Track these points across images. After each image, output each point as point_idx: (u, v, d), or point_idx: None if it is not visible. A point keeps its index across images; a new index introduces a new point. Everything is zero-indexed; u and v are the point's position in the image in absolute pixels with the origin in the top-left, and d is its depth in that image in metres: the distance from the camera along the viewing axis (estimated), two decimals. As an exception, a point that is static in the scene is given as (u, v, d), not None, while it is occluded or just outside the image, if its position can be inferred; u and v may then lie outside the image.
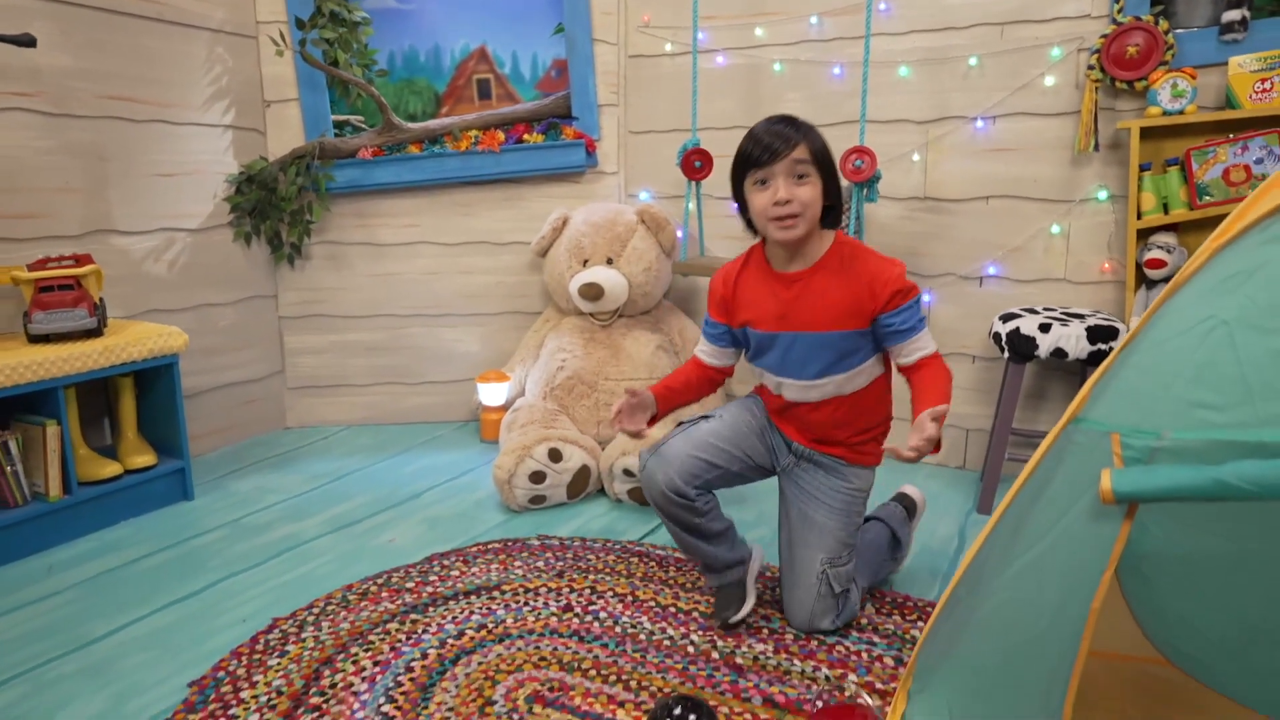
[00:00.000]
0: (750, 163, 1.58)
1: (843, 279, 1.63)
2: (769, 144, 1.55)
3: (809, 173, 1.56)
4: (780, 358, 1.69)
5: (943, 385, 1.59)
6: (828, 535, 1.71)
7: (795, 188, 1.55)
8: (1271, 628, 1.43)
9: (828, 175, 1.60)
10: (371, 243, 3.05)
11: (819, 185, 1.57)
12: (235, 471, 2.69)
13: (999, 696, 1.05)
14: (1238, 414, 0.90)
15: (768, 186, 1.56)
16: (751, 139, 1.60)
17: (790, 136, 1.56)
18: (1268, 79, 2.11)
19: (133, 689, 1.56)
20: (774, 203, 1.55)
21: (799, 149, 1.55)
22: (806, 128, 1.60)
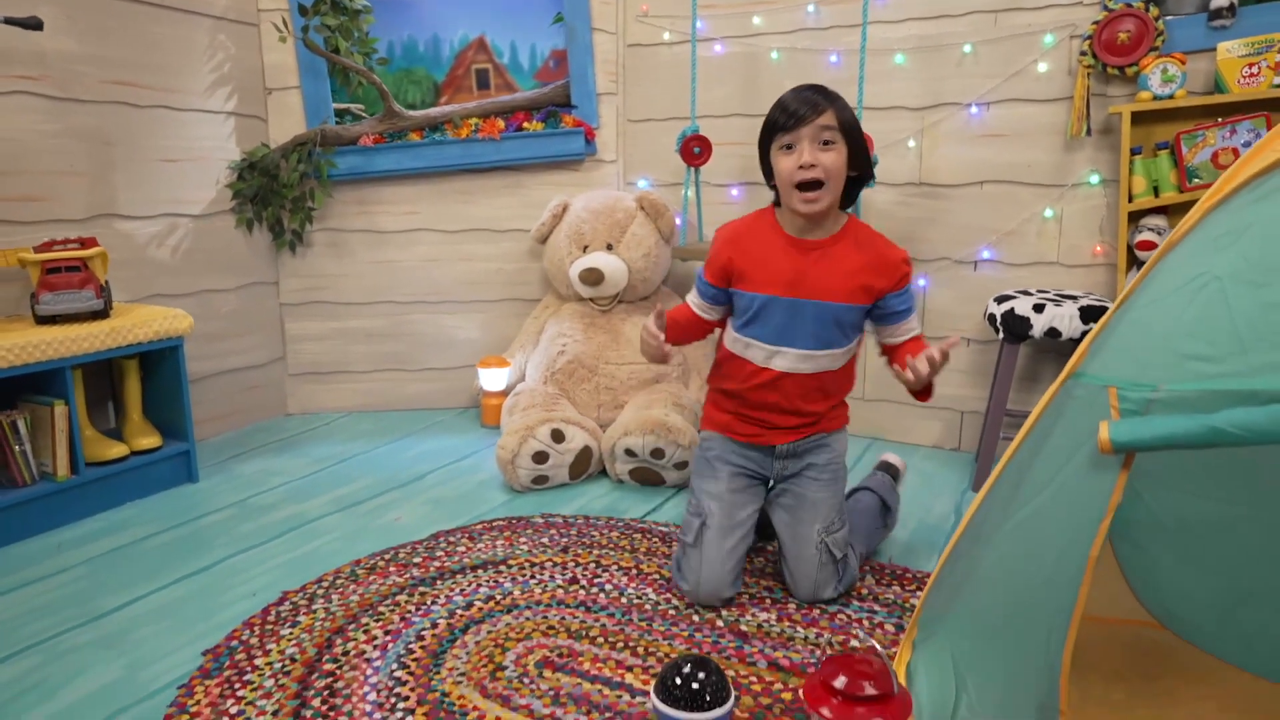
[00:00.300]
0: (777, 127, 1.60)
1: (860, 254, 1.67)
2: (796, 109, 1.57)
3: (835, 139, 1.58)
4: (781, 325, 1.70)
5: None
6: (821, 506, 1.76)
7: (820, 153, 1.56)
8: (1259, 589, 1.47)
9: (855, 145, 1.61)
10: (372, 230, 3.07)
11: (844, 153, 1.59)
12: (238, 455, 2.71)
13: (1001, 644, 1.08)
14: (1230, 365, 0.94)
15: (793, 151, 1.58)
16: (779, 105, 1.61)
17: (818, 103, 1.57)
18: (1255, 64, 2.16)
19: (147, 657, 1.58)
20: (799, 166, 1.56)
21: (826, 115, 1.56)
22: (835, 96, 1.61)
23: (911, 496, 2.35)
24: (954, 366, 2.72)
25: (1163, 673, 1.49)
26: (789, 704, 1.43)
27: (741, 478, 1.83)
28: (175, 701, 1.44)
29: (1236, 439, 0.90)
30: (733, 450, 1.84)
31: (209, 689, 1.48)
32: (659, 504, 2.31)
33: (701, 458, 1.87)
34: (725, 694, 1.30)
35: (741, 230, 1.75)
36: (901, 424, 2.83)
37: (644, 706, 1.42)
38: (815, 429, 1.80)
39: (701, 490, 1.81)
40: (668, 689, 1.30)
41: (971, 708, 1.10)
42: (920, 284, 2.71)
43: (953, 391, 2.73)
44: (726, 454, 1.84)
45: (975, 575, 1.13)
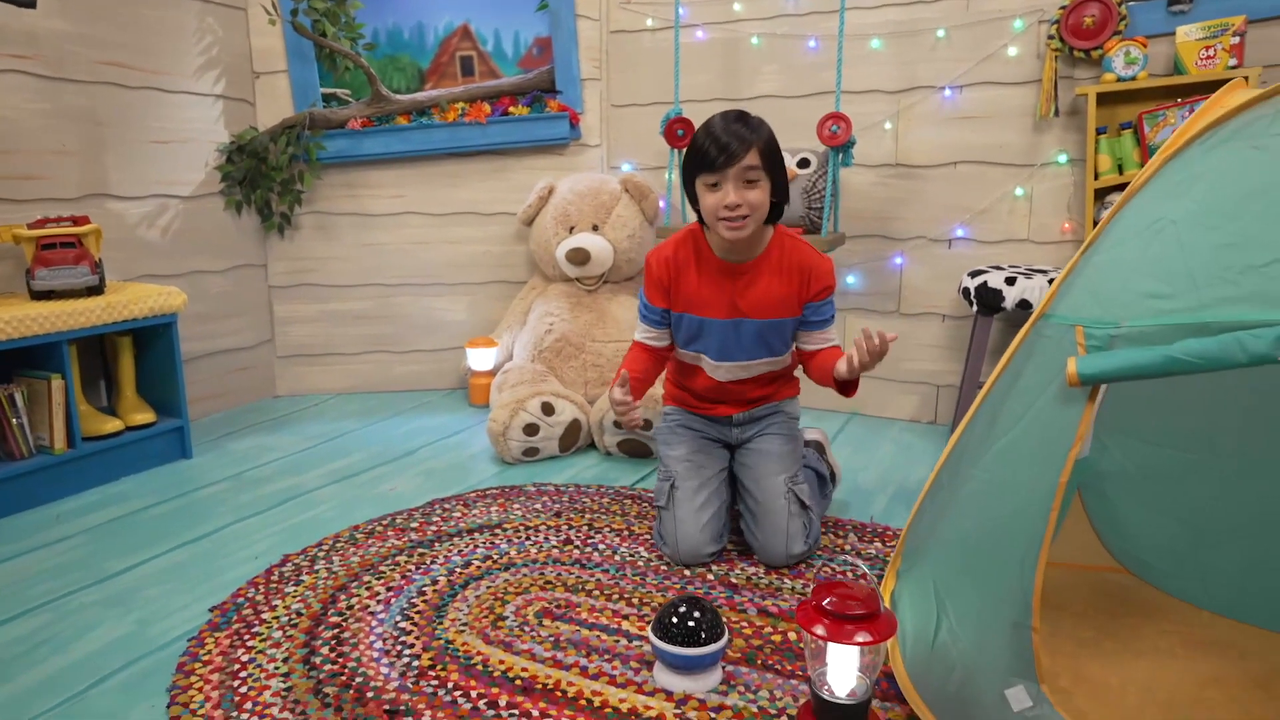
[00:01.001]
0: (703, 166, 1.63)
1: (784, 270, 1.75)
2: (723, 147, 1.59)
3: (758, 177, 1.63)
4: (723, 343, 1.81)
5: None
6: (785, 458, 1.85)
7: (745, 192, 1.62)
8: (1215, 531, 1.57)
9: (776, 176, 1.67)
10: (360, 213, 3.11)
11: (767, 187, 1.65)
12: (230, 434, 2.74)
13: (978, 569, 1.16)
14: (1184, 301, 1.02)
15: (719, 189, 1.63)
16: (706, 139, 1.62)
17: (743, 141, 1.60)
18: (1211, 46, 2.27)
19: (155, 614, 1.62)
20: (725, 205, 1.62)
21: (750, 154, 1.60)
22: (757, 127, 1.64)
23: (891, 465, 2.44)
24: (929, 342, 2.81)
25: (1127, 612, 1.58)
26: (778, 645, 1.50)
27: (703, 440, 1.93)
28: (187, 651, 1.49)
29: (1191, 367, 0.99)
30: (694, 419, 1.94)
31: (219, 640, 1.53)
32: (648, 473, 2.38)
33: (666, 428, 1.97)
34: (719, 631, 1.38)
35: (673, 255, 1.79)
36: (878, 398, 2.92)
37: (641, 648, 1.49)
38: (766, 403, 1.92)
39: (668, 456, 1.90)
40: (665, 627, 1.37)
41: (951, 630, 1.18)
42: (897, 262, 2.81)
43: (928, 366, 2.82)
44: (688, 422, 1.95)
45: (954, 506, 1.21)
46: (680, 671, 1.37)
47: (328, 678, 1.41)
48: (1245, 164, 1.05)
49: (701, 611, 1.39)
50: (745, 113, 1.66)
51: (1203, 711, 1.31)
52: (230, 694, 1.37)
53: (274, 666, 1.44)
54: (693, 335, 1.83)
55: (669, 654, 1.36)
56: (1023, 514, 1.13)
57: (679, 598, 1.42)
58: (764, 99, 2.93)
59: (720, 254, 1.76)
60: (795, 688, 1.37)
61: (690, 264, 1.78)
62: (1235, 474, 1.55)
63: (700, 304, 1.78)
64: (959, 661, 1.16)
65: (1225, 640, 1.49)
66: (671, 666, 1.37)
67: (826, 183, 2.56)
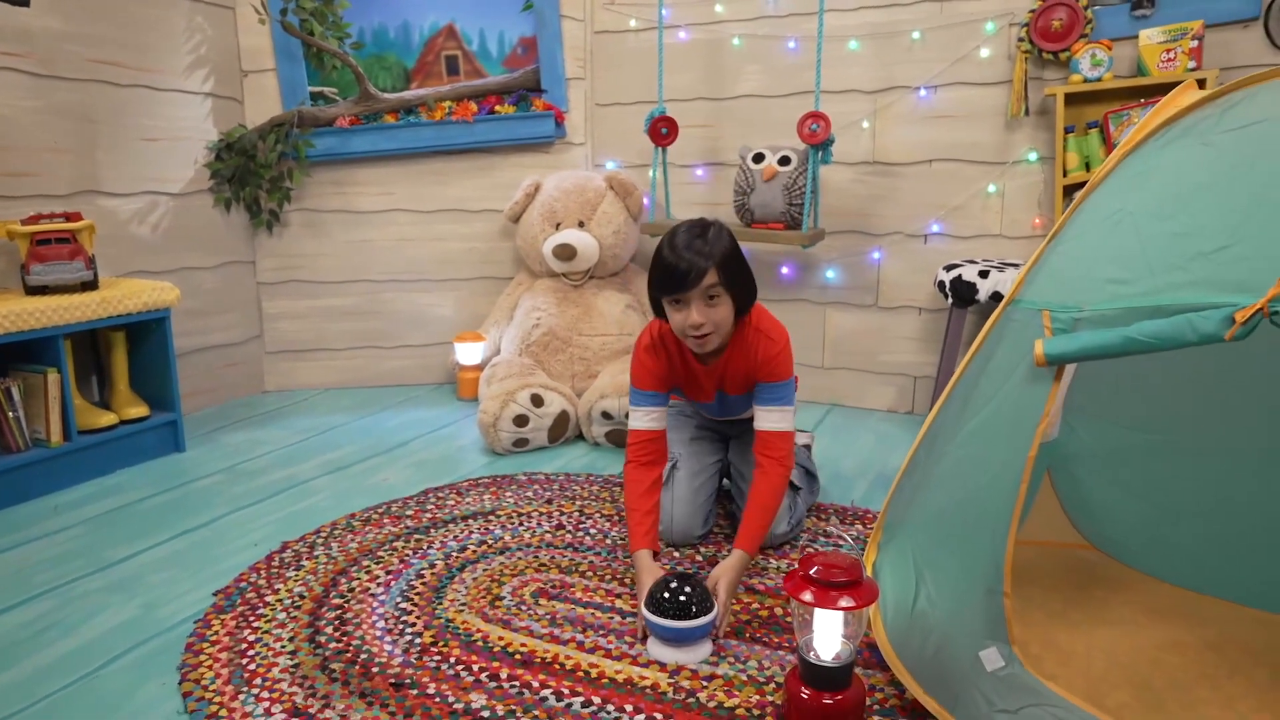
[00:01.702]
0: (666, 288, 1.66)
1: (743, 359, 1.78)
2: (684, 272, 1.61)
3: (719, 294, 1.65)
4: (716, 410, 1.95)
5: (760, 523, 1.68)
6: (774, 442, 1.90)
7: (708, 310, 1.65)
8: (1176, 507, 1.66)
9: (737, 286, 1.69)
10: (348, 210, 3.15)
11: (730, 302, 1.68)
12: (222, 428, 2.77)
13: (953, 539, 1.24)
14: (1141, 285, 1.11)
15: (683, 308, 1.66)
16: (669, 258, 1.63)
17: (703, 258, 1.61)
18: (1171, 49, 2.37)
19: (160, 599, 1.67)
20: (690, 324, 1.65)
21: (710, 274, 1.62)
22: (715, 241, 1.64)
23: (870, 453, 2.52)
24: (906, 335, 2.90)
25: (1093, 585, 1.67)
26: (765, 619, 1.57)
27: (706, 430, 2.03)
28: (194, 633, 1.54)
29: (1148, 346, 1.07)
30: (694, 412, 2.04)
31: (225, 622, 1.57)
32: (635, 463, 2.44)
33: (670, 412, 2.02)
34: (709, 605, 1.45)
35: (662, 360, 1.82)
36: (858, 390, 3.01)
37: (633, 625, 1.56)
38: None
39: (673, 439, 1.96)
40: (657, 602, 1.44)
41: (929, 597, 1.26)
42: (875, 256, 2.89)
43: (905, 358, 2.91)
44: (687, 409, 2.04)
45: (930, 482, 1.29)
46: (673, 643, 1.44)
47: (333, 655, 1.46)
48: (1195, 159, 1.14)
49: (692, 586, 1.46)
50: (705, 225, 1.67)
51: (1161, 673, 1.40)
52: (239, 671, 1.41)
53: (280, 645, 1.49)
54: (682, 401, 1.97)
55: (662, 627, 1.42)
56: (995, 487, 1.20)
57: (669, 574, 1.49)
58: (745, 98, 3.01)
59: (696, 355, 1.79)
60: (782, 658, 1.45)
61: (677, 364, 1.83)
62: (1194, 455, 1.64)
63: (688, 392, 1.89)
64: (936, 627, 1.24)
65: (1183, 609, 1.58)
66: (664, 639, 1.44)
67: (807, 180, 2.64)
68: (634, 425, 1.79)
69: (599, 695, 1.35)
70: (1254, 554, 1.57)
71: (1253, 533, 1.57)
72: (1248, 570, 1.57)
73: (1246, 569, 1.57)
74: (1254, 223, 1.05)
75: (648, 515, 1.70)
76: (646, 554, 1.64)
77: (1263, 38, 2.38)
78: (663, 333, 1.80)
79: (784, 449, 1.72)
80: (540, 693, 1.36)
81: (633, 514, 1.70)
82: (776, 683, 1.37)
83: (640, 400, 1.80)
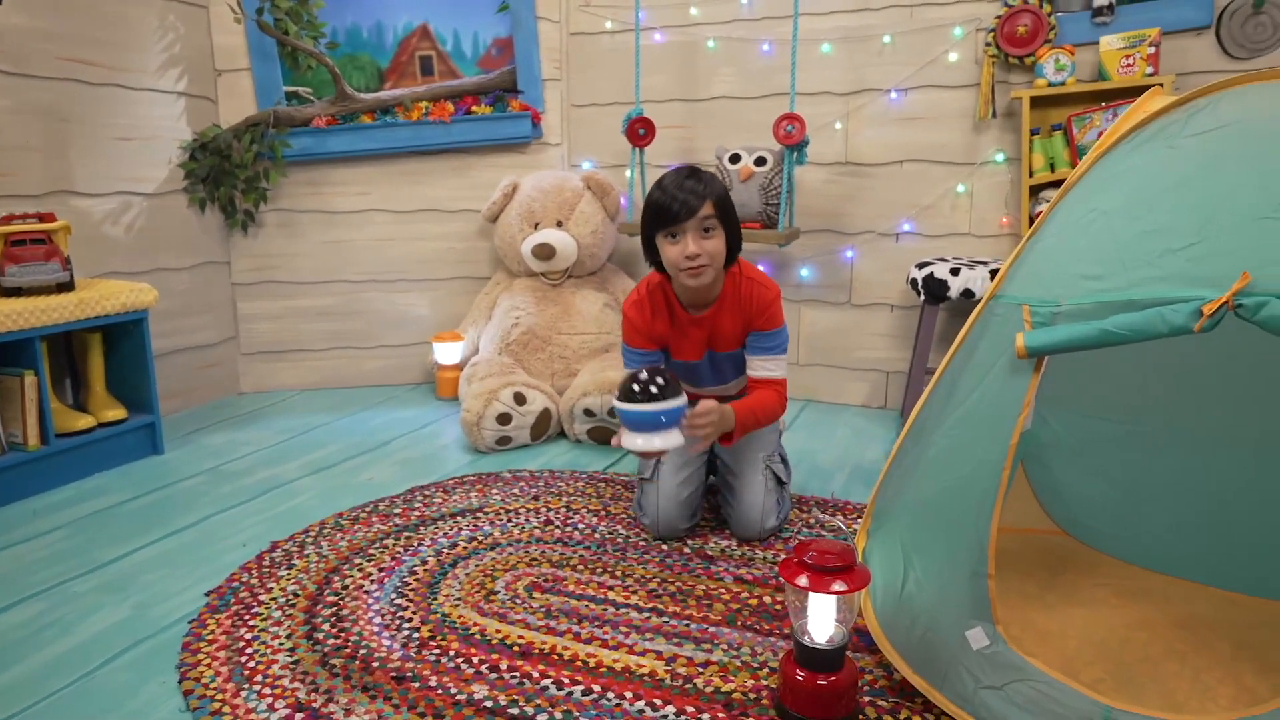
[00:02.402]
0: (663, 220, 1.73)
1: (736, 309, 1.85)
2: (681, 202, 1.69)
3: (714, 226, 1.73)
4: (702, 374, 1.97)
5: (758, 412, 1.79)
6: (763, 437, 1.97)
7: (704, 241, 1.72)
8: (1143, 493, 1.74)
9: (730, 225, 1.77)
10: (325, 210, 3.14)
11: (723, 236, 1.76)
12: (200, 430, 2.75)
13: (941, 525, 1.30)
14: (1114, 281, 1.17)
15: (679, 240, 1.73)
16: (663, 196, 1.72)
17: (698, 195, 1.71)
18: (1130, 56, 2.47)
19: (153, 599, 1.67)
20: (685, 255, 1.72)
21: (706, 206, 1.71)
22: (710, 181, 1.75)
23: (847, 446, 2.59)
24: (878, 331, 2.98)
25: (1066, 569, 1.74)
26: (755, 608, 1.62)
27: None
28: (190, 632, 1.54)
29: (1122, 338, 1.13)
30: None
31: (220, 620, 1.58)
32: (618, 459, 2.48)
33: None
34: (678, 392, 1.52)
35: (645, 305, 1.88)
36: (833, 385, 3.08)
37: (628, 615, 1.59)
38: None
39: None
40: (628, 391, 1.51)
41: (917, 581, 1.31)
42: (848, 255, 2.96)
43: (878, 354, 2.98)
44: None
45: (917, 469, 1.34)
46: (643, 429, 1.51)
47: (333, 651, 1.48)
48: (1163, 162, 1.21)
49: (662, 377, 1.53)
50: (696, 169, 1.77)
51: (1132, 650, 1.47)
52: (239, 668, 1.43)
53: (278, 643, 1.50)
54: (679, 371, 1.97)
55: (632, 413, 1.49)
56: (978, 473, 1.26)
57: (640, 368, 1.55)
58: (720, 100, 3.06)
59: (685, 304, 1.85)
60: (774, 644, 1.49)
61: (663, 316, 1.87)
62: (1160, 442, 1.72)
63: (676, 349, 1.93)
64: (924, 609, 1.30)
65: (1151, 590, 1.66)
66: (634, 425, 1.51)
67: (782, 180, 2.70)
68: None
69: (598, 684, 1.38)
70: (1217, 537, 1.65)
71: (1215, 517, 1.65)
72: (1211, 552, 1.65)
73: (1210, 551, 1.66)
74: (1218, 222, 1.12)
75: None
76: None
77: (1215, 45, 2.49)
78: (651, 286, 1.86)
79: (781, 389, 1.81)
80: (541, 682, 1.39)
81: None
82: (770, 667, 1.42)
83: (633, 359, 1.87)
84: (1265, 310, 1.04)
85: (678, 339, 1.90)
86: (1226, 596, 1.62)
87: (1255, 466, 1.62)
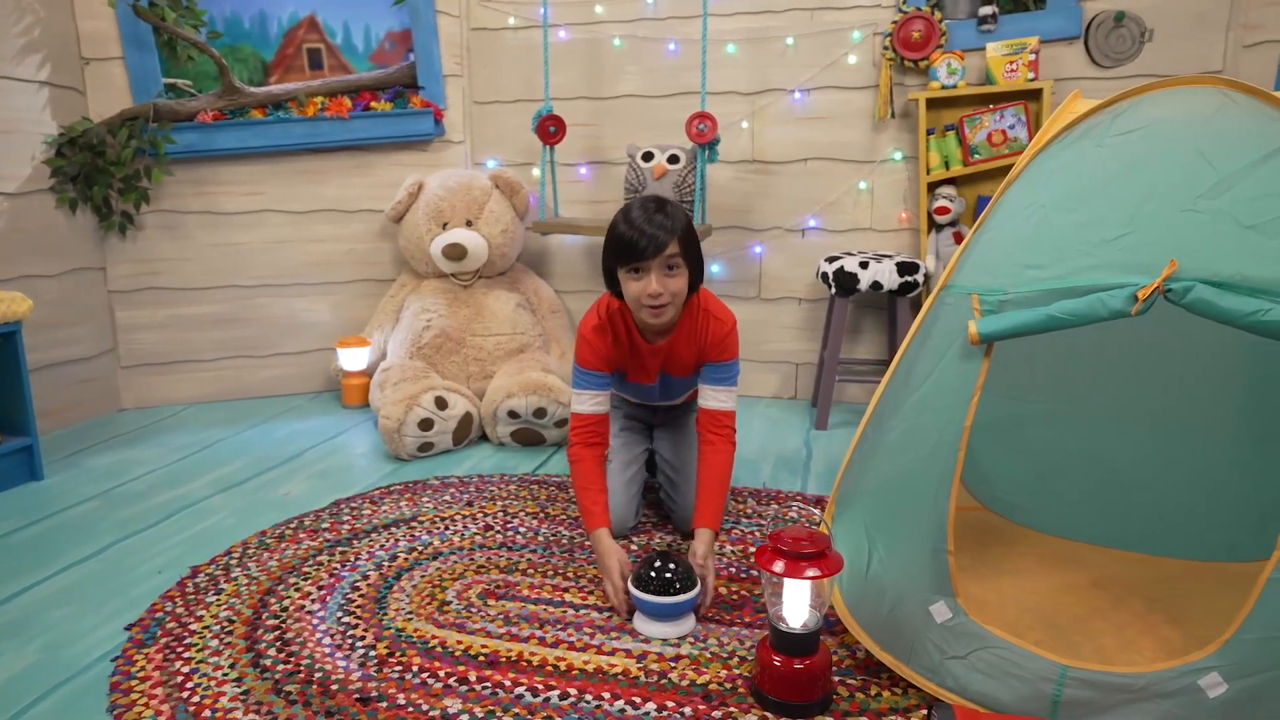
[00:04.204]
0: (627, 256, 1.67)
1: (692, 340, 1.83)
2: (649, 238, 1.63)
3: (679, 264, 1.69)
4: (653, 393, 1.98)
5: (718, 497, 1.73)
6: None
7: (667, 280, 1.68)
8: (1055, 468, 1.88)
9: (694, 261, 1.74)
10: (212, 211, 2.94)
11: (687, 274, 1.72)
12: (82, 451, 2.52)
13: (901, 505, 1.35)
14: (1055, 270, 1.25)
15: (641, 277, 1.68)
16: (629, 231, 1.64)
17: (667, 230, 1.64)
18: (1014, 62, 2.65)
19: (62, 639, 1.52)
20: (648, 294, 1.67)
21: (673, 244, 1.66)
22: (675, 214, 1.68)
23: (767, 437, 2.66)
24: (787, 324, 3.07)
25: (992, 542, 1.85)
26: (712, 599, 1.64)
27: (632, 420, 2.07)
28: (117, 671, 1.41)
29: (1067, 323, 1.21)
30: (621, 401, 2.07)
31: (149, 655, 1.45)
32: (544, 460, 2.45)
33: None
34: (693, 581, 1.51)
35: (608, 329, 1.84)
36: (745, 378, 3.13)
37: (589, 615, 1.58)
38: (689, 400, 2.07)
39: None
40: (644, 580, 1.50)
41: (881, 561, 1.37)
42: (757, 251, 3.04)
43: (788, 346, 3.08)
44: (618, 402, 2.05)
45: (877, 454, 1.40)
46: (660, 619, 1.51)
47: (284, 677, 1.39)
48: (1093, 159, 1.30)
49: (676, 564, 1.52)
50: (663, 201, 1.70)
51: (1062, 611, 1.58)
52: (182, 705, 1.32)
53: (221, 674, 1.40)
54: (621, 386, 1.98)
55: (651, 604, 1.48)
56: (935, 454, 1.33)
57: (653, 553, 1.54)
58: (627, 98, 3.07)
59: (643, 332, 1.82)
60: (739, 633, 1.52)
61: (623, 343, 1.84)
62: (1069, 420, 1.86)
63: (631, 374, 1.91)
64: (890, 588, 1.35)
65: (1067, 556, 1.79)
66: (652, 615, 1.50)
67: (695, 177, 2.74)
68: (578, 409, 1.80)
69: (573, 687, 1.36)
70: (1121, 504, 1.80)
71: (1119, 486, 1.80)
72: (1117, 518, 1.80)
73: (1116, 517, 1.80)
74: (1146, 213, 1.22)
75: (601, 493, 1.74)
76: (605, 532, 1.68)
77: (1084, 54, 2.71)
78: (611, 311, 1.81)
79: (730, 425, 1.80)
80: (514, 691, 1.35)
81: (586, 493, 1.73)
82: (740, 656, 1.44)
83: (584, 381, 1.80)
84: (1192, 294, 1.15)
85: (634, 364, 1.88)
86: (1134, 557, 1.76)
87: (1151, 440, 1.78)
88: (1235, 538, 1.71)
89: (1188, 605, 1.56)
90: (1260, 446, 1.70)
